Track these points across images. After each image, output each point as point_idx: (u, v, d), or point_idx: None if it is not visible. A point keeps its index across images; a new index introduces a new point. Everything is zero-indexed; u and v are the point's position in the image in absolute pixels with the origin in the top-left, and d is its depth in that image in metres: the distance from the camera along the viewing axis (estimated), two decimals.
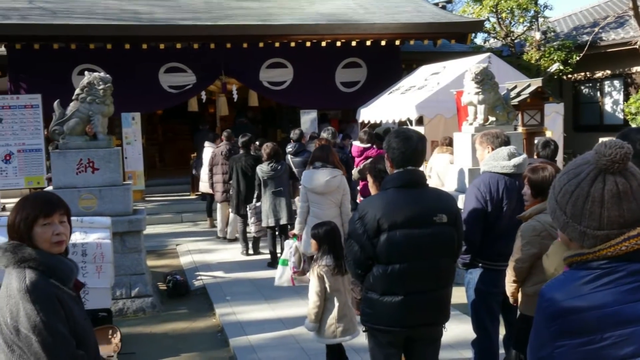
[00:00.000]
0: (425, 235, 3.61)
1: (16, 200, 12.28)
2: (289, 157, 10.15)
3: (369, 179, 5.05)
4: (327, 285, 4.99)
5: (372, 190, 4.99)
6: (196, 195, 14.75)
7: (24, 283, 2.59)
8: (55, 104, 7.75)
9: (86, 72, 7.84)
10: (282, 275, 7.10)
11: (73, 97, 7.70)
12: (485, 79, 8.00)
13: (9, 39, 13.51)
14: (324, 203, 7.10)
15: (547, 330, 1.86)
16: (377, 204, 3.66)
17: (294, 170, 9.91)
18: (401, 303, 3.62)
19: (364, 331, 3.88)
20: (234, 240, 11.10)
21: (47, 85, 13.55)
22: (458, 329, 5.94)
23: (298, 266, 6.97)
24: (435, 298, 3.72)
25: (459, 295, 5.30)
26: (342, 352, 5.25)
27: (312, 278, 5.05)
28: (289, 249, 7.08)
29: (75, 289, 2.87)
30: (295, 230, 7.36)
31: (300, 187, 7.61)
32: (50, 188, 7.34)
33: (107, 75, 7.73)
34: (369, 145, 9.14)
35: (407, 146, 3.72)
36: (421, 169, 3.85)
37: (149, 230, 8.50)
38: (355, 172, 8.94)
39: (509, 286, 4.30)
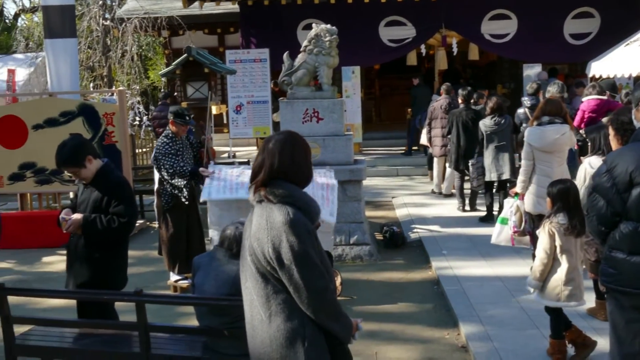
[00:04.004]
0: None
1: (245, 149, 13.00)
2: (527, 110, 9.70)
3: (610, 131, 4.63)
4: (557, 243, 4.72)
5: (613, 144, 4.57)
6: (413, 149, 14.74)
7: (288, 217, 2.71)
8: (285, 55, 8.06)
9: (313, 25, 8.05)
10: (500, 233, 6.85)
11: (301, 49, 7.97)
12: None
13: None
14: (552, 161, 6.66)
15: None
16: (630, 156, 3.35)
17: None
18: None
19: (605, 292, 3.59)
20: (449, 195, 10.95)
21: (274, 40, 14.24)
22: None
23: (519, 226, 6.67)
24: None
25: None
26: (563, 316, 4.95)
27: (542, 235, 4.81)
28: (509, 207, 6.78)
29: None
30: (517, 189, 7.00)
31: (525, 144, 7.22)
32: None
33: (333, 27, 7.88)
34: (604, 96, 8.54)
35: None
36: None
37: (366, 182, 8.65)
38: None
39: None
